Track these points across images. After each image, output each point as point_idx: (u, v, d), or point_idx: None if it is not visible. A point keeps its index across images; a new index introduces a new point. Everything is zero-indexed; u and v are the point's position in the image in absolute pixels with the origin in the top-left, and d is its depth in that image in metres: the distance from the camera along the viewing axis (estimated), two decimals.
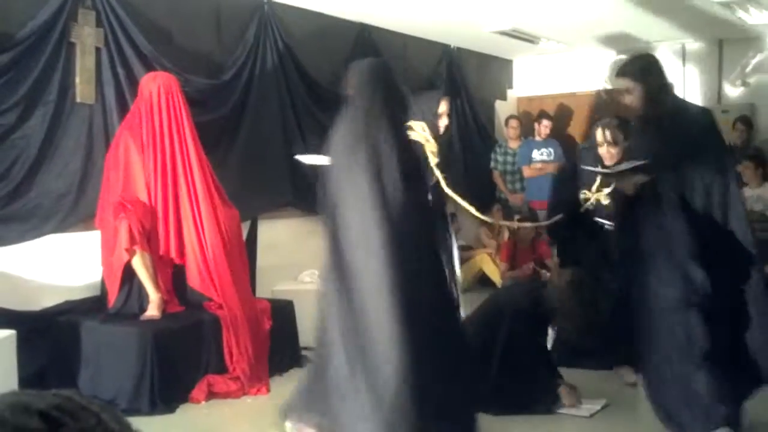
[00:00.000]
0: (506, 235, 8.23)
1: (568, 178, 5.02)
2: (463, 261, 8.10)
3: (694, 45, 8.70)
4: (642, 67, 3.90)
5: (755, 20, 7.39)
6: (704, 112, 4.16)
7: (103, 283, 4.89)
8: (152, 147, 4.78)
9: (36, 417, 0.77)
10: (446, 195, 4.41)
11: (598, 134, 4.66)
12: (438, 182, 4.28)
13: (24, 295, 4.64)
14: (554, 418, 4.22)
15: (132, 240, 4.50)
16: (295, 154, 6.40)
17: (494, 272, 7.88)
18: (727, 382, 3.50)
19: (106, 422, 0.80)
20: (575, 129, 9.29)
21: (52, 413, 0.78)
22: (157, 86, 4.85)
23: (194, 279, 4.83)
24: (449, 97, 4.77)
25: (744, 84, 8.48)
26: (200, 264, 4.79)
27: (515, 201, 8.50)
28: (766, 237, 6.99)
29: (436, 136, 4.36)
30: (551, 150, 8.51)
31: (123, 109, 5.07)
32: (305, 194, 6.57)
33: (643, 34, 8.32)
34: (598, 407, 4.32)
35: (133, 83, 5.06)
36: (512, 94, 9.88)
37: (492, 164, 8.81)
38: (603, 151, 4.63)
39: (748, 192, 7.38)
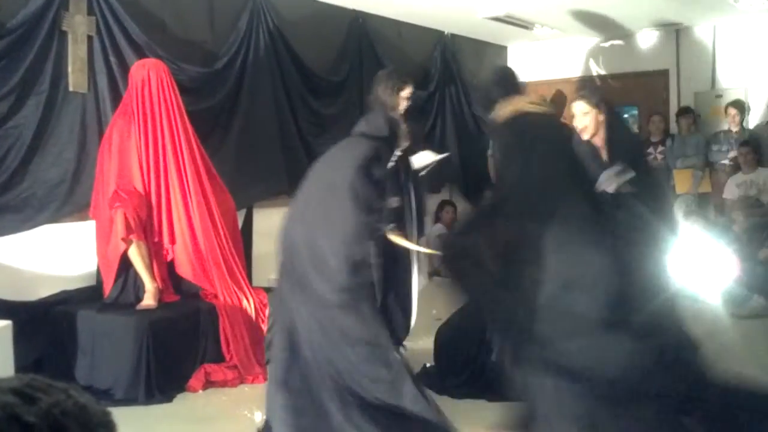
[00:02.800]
0: None
1: None
2: None
3: (687, 30, 8.70)
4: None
5: (748, 4, 7.39)
6: None
7: (98, 272, 4.88)
8: (144, 134, 4.76)
9: (10, 394, 0.82)
10: None
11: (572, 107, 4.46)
12: None
13: (20, 286, 4.63)
14: None
15: (128, 229, 4.49)
16: (289, 143, 6.41)
17: None
18: None
19: (75, 396, 0.86)
20: (569, 115, 9.26)
21: (25, 390, 0.83)
22: (146, 72, 4.83)
23: (183, 268, 4.82)
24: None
25: (737, 68, 8.48)
26: (190, 253, 4.78)
27: None
28: (761, 222, 7.03)
29: None
30: None
31: (116, 97, 5.05)
32: (300, 182, 6.56)
33: (636, 19, 8.31)
34: None
35: (126, 72, 5.03)
36: None
37: (490, 151, 8.77)
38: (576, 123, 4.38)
39: (743, 177, 7.42)
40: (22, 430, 0.80)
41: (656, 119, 8.31)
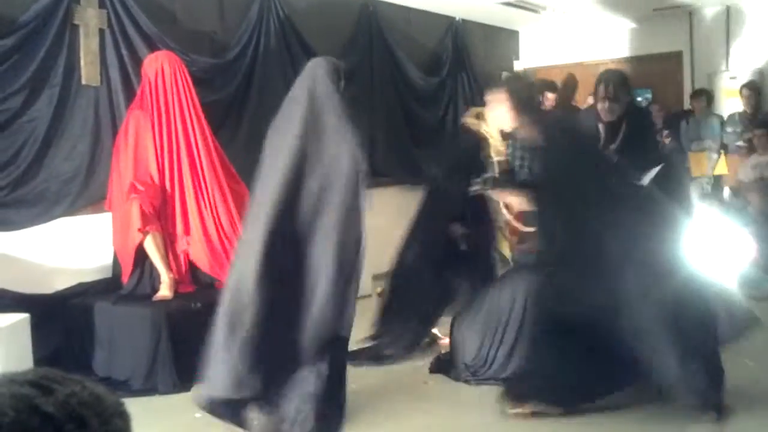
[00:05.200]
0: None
1: None
2: None
3: (700, 11, 8.62)
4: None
5: None
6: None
7: (114, 264, 4.91)
8: (159, 126, 4.78)
9: (27, 386, 0.83)
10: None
11: (600, 89, 4.39)
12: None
13: (36, 279, 4.66)
14: None
15: (144, 221, 4.51)
16: None
17: (504, 246, 7.85)
18: None
19: (90, 387, 0.88)
20: (581, 100, 9.22)
21: (41, 381, 0.85)
22: (160, 65, 4.83)
23: (199, 259, 4.84)
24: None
25: (752, 49, 8.40)
26: (204, 244, 4.80)
27: None
28: None
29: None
30: None
31: (128, 90, 5.06)
32: None
33: (649, 1, 8.23)
34: None
35: (138, 64, 5.04)
36: (519, 65, 9.82)
37: None
38: (600, 107, 4.36)
39: (758, 159, 7.36)
40: (41, 421, 0.81)
41: (654, 108, 8.23)
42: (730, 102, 8.34)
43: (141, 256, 4.66)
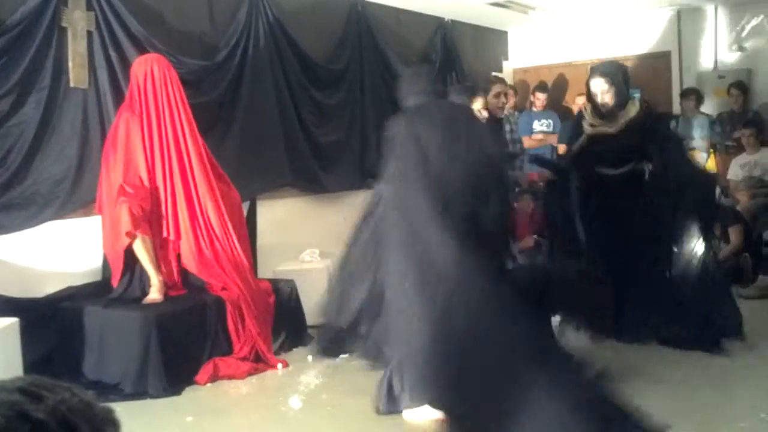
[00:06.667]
0: None
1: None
2: None
3: (688, 10, 8.65)
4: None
5: None
6: None
7: (104, 268, 4.89)
8: (148, 129, 4.77)
9: (16, 393, 0.84)
10: None
11: (592, 85, 4.98)
12: None
13: (26, 283, 4.64)
14: None
15: (134, 223, 4.50)
16: (291, 134, 6.42)
17: None
18: None
19: (79, 394, 0.89)
20: (571, 99, 9.24)
21: (30, 389, 0.85)
22: (149, 67, 4.82)
23: (189, 262, 4.82)
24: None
25: (740, 49, 8.44)
26: (194, 246, 4.78)
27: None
28: (765, 202, 7.01)
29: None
30: (551, 121, 8.49)
31: (117, 92, 5.04)
32: (303, 173, 6.56)
33: (637, 1, 8.26)
34: None
35: (126, 66, 5.02)
36: (508, 65, 9.83)
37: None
38: (599, 100, 4.96)
39: (747, 158, 7.39)
40: (31, 428, 0.81)
41: (643, 106, 8.22)
42: (718, 101, 8.37)
43: (131, 259, 4.64)
